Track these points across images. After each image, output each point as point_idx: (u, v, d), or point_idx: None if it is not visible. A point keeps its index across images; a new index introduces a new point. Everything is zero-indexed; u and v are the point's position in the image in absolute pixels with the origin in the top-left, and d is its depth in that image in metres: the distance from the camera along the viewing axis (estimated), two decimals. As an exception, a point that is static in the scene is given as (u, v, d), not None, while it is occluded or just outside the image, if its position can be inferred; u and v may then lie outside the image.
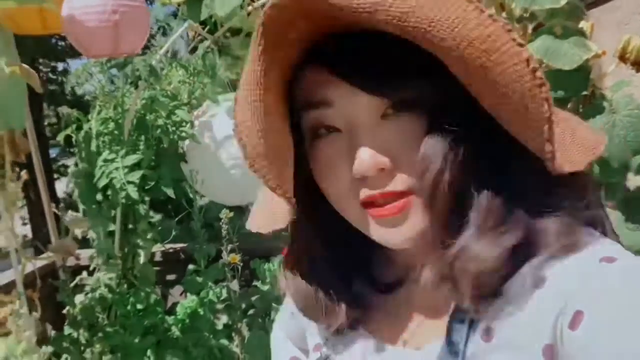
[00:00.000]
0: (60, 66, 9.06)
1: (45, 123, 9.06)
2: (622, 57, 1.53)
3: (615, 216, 1.26)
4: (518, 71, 0.42)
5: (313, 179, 0.55)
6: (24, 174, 1.47)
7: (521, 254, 0.48)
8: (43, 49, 7.49)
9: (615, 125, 1.33)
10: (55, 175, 9.02)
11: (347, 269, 0.60)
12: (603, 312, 0.42)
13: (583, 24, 1.51)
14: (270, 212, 0.57)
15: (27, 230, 7.76)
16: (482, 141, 0.49)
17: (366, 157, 0.49)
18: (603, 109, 1.38)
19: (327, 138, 0.53)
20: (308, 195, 0.56)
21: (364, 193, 0.51)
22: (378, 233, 0.52)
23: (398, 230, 0.51)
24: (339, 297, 0.59)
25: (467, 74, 0.45)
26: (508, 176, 0.49)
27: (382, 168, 0.49)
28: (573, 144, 0.49)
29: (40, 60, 8.33)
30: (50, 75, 9.08)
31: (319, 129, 0.53)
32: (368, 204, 0.52)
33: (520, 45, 0.41)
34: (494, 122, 0.47)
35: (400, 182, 0.50)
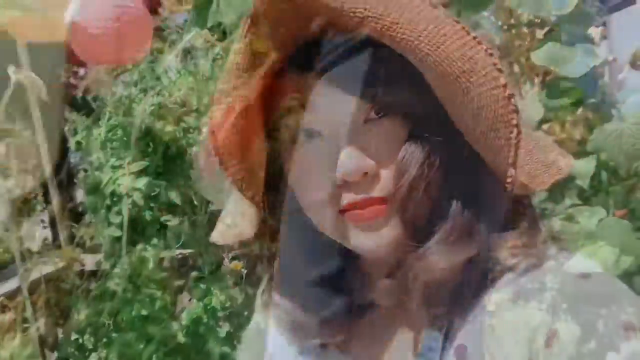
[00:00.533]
0: (81, 71, 9.16)
1: (67, 128, 9.17)
2: (634, 64, 1.51)
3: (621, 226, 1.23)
4: (495, 95, 0.43)
5: (282, 195, 0.54)
6: (29, 180, 1.49)
7: (477, 267, 0.48)
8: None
9: (623, 134, 1.30)
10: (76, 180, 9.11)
11: (324, 287, 0.59)
12: (578, 329, 0.41)
13: (592, 30, 1.48)
14: (233, 222, 0.56)
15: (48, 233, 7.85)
16: (456, 155, 0.49)
17: (351, 161, 0.47)
18: (611, 116, 1.35)
19: (308, 144, 0.51)
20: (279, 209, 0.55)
21: (346, 199, 0.49)
22: (356, 239, 0.51)
23: (376, 236, 0.50)
24: (319, 315, 0.57)
25: (446, 91, 0.45)
26: (475, 190, 0.49)
27: (366, 173, 0.48)
28: (542, 164, 0.50)
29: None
30: (72, 80, 9.20)
31: (299, 133, 0.51)
32: (347, 210, 0.50)
33: (500, 70, 0.43)
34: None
35: (383, 187, 0.49)
